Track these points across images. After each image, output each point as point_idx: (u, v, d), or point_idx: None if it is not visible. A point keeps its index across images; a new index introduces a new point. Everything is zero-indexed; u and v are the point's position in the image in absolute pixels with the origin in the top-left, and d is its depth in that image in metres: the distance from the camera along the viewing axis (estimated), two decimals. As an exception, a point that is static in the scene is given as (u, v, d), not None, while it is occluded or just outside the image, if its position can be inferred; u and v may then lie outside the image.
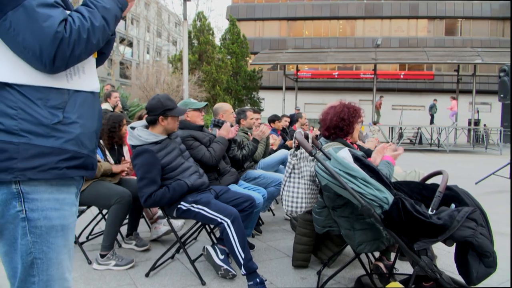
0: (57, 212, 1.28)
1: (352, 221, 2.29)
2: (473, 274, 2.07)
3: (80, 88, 1.33)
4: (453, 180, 2.16)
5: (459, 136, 21.69)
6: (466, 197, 2.15)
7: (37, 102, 1.20)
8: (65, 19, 1.19)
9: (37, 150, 1.20)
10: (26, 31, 1.14)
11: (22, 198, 1.21)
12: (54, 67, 1.20)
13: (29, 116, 1.19)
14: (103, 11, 1.28)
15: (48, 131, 1.21)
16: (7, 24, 1.14)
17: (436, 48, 26.44)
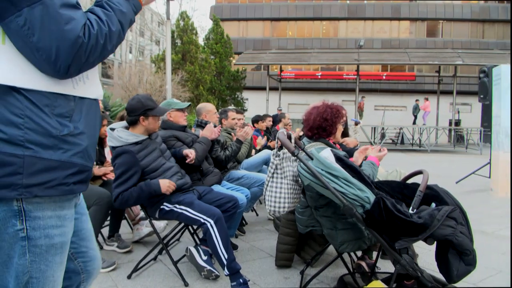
0: (58, 230, 1.18)
1: (335, 221, 2.30)
2: (453, 272, 2.10)
3: (85, 95, 1.23)
4: (434, 180, 2.19)
5: (440, 136, 22.04)
6: (446, 196, 2.18)
7: (44, 110, 1.09)
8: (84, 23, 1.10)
9: (44, 164, 1.08)
10: (43, 32, 1.02)
11: (24, 216, 1.09)
12: (67, 73, 1.10)
13: (36, 126, 1.07)
14: (120, 15, 1.19)
15: (56, 143, 1.10)
16: (20, 21, 1.01)
17: (418, 50, 26.81)
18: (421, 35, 34.08)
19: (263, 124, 6.45)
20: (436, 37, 33.95)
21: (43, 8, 1.01)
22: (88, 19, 1.11)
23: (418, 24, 34.19)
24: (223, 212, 3.02)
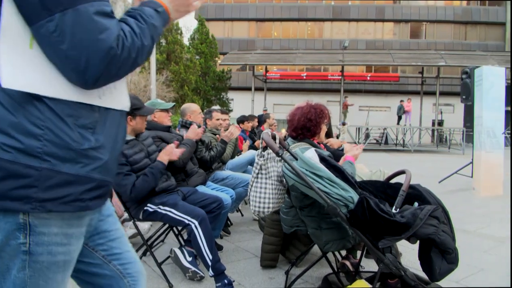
0: (63, 248, 1.10)
1: (319, 221, 2.31)
2: (436, 271, 2.13)
3: (111, 105, 1.14)
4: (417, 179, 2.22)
5: (423, 137, 22.33)
6: (428, 195, 2.21)
7: (67, 120, 1.01)
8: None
9: (61, 178, 1.01)
10: (74, 40, 0.95)
11: (28, 231, 1.02)
12: (95, 85, 1.04)
13: (56, 138, 1.00)
14: (152, 29, 1.11)
15: (75, 157, 1.03)
16: (51, 27, 0.94)
17: (402, 51, 27.12)
18: (405, 36, 34.49)
19: (248, 125, 6.45)
20: (420, 38, 34.40)
21: (77, 14, 0.95)
22: (122, 30, 1.04)
23: (401, 26, 34.60)
24: (207, 212, 3.01)
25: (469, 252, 3.74)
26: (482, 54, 24.84)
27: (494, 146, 7.05)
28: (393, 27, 34.91)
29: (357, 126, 21.51)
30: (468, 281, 3.04)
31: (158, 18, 1.15)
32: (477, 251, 3.78)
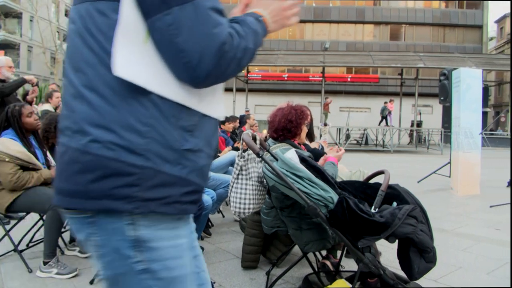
0: (178, 261, 1.05)
1: (300, 221, 2.32)
2: (414, 269, 2.16)
3: (208, 112, 1.11)
4: (396, 179, 2.25)
5: (402, 137, 22.65)
6: (407, 195, 2.24)
7: (171, 120, 0.99)
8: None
9: (162, 178, 0.97)
10: (190, 33, 0.94)
11: (139, 245, 0.97)
12: (204, 82, 1.01)
13: (160, 136, 0.97)
14: (255, 35, 1.10)
15: (177, 157, 1.00)
16: (169, 20, 0.93)
17: (381, 53, 27.46)
18: (385, 38, 34.98)
19: (229, 126, 6.44)
20: (399, 40, 34.93)
21: (194, 8, 0.94)
22: (232, 28, 1.03)
23: (381, 28, 35.07)
24: (188, 214, 2.98)
25: (447, 251, 3.80)
26: (460, 56, 25.34)
27: (471, 146, 7.19)
28: (373, 29, 35.37)
29: (338, 127, 21.70)
30: (446, 279, 3.09)
31: (258, 25, 1.14)
32: (455, 250, 3.85)
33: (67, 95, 1.00)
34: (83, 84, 0.95)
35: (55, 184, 1.00)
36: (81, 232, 1.00)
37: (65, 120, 0.99)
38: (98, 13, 0.96)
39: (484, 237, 4.32)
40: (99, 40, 0.96)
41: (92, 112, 0.94)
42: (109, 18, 0.95)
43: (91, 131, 0.93)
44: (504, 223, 4.92)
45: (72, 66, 0.99)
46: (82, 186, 0.93)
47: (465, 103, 7.22)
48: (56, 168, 1.02)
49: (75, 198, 0.95)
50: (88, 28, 0.97)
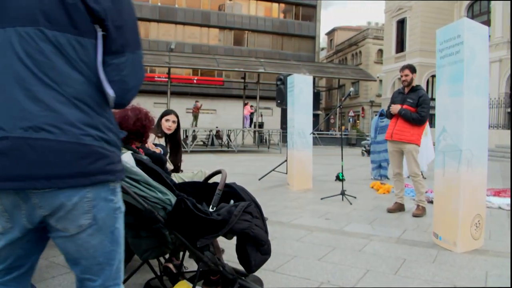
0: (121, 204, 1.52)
1: (138, 229, 2.23)
2: (251, 262, 2.27)
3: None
4: (240, 177, 2.34)
5: (246, 138, 23.80)
6: (243, 193, 2.34)
7: (113, 120, 1.45)
8: None
9: (117, 158, 1.44)
10: (132, 70, 1.43)
11: (116, 195, 1.45)
12: (127, 103, 1.53)
13: (116, 132, 1.44)
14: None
15: (119, 144, 1.46)
16: (122, 60, 1.39)
17: (226, 56, 28.48)
18: (229, 43, 36.36)
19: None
20: (242, 46, 36.67)
21: (138, 56, 1.46)
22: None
23: (226, 33, 36.37)
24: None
25: (284, 241, 4.10)
26: (296, 64, 27.79)
27: (304, 145, 7.90)
28: (218, 33, 36.45)
29: (184, 128, 21.76)
30: (283, 268, 3.31)
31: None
32: (291, 240, 4.15)
33: (53, 100, 1.26)
34: (73, 95, 1.29)
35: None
36: (70, 199, 1.31)
37: (46, 118, 1.24)
38: (79, 45, 1.30)
39: (316, 227, 4.77)
40: (87, 66, 1.32)
41: (83, 116, 1.30)
42: (89, 52, 1.32)
43: (84, 128, 1.29)
44: (332, 213, 5.52)
45: (49, 79, 1.26)
46: (83, 168, 1.29)
47: (298, 106, 7.89)
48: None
49: (77, 178, 1.29)
50: (70, 54, 1.29)
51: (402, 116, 5.31)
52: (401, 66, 5.72)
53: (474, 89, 3.77)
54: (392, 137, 5.46)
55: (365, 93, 43.14)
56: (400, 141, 5.39)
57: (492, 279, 3.12)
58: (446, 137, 3.96)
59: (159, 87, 30.88)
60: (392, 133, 5.46)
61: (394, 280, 3.10)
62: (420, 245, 4.03)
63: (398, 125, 5.40)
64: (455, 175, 3.83)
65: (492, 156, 15.36)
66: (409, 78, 5.38)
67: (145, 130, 2.76)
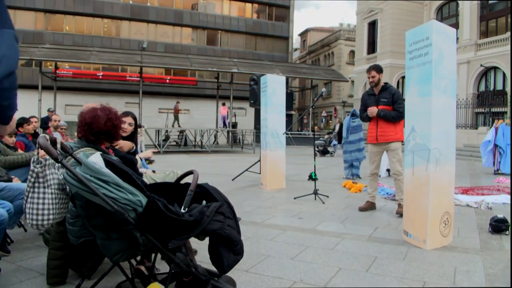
0: None
1: (108, 230, 2.18)
2: (224, 263, 2.26)
3: None
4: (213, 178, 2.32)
5: (219, 138, 23.74)
6: (215, 193, 2.32)
7: None
8: None
9: None
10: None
11: None
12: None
13: None
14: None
15: None
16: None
17: (199, 56, 28.29)
18: (202, 42, 36.15)
19: (29, 127, 5.68)
20: (216, 45, 36.52)
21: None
22: None
23: (199, 32, 36.13)
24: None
25: (257, 241, 4.10)
26: (269, 64, 27.86)
27: (277, 145, 7.92)
28: (191, 32, 36.19)
29: (157, 129, 21.53)
30: (256, 268, 3.31)
31: None
32: (264, 240, 4.16)
33: None
34: None
35: None
36: None
37: None
38: None
39: (289, 226, 4.79)
40: None
41: None
42: None
43: None
44: (305, 212, 5.56)
45: None
46: None
47: (271, 106, 7.91)
48: None
49: None
50: None
51: (382, 117, 5.31)
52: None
53: (442, 90, 3.86)
54: (377, 140, 5.44)
55: (338, 94, 43.69)
56: (385, 142, 5.39)
57: (460, 275, 3.20)
58: (415, 136, 4.04)
59: (131, 87, 30.43)
60: (376, 136, 5.44)
61: (366, 277, 3.14)
62: (391, 243, 4.10)
63: (380, 127, 5.39)
64: (424, 174, 3.91)
65: (460, 155, 15.84)
66: (376, 79, 5.44)
67: (116, 130, 2.71)
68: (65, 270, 2.96)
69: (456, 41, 4.18)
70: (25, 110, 14.52)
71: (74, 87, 29.44)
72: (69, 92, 28.70)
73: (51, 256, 2.90)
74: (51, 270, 2.91)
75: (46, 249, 3.44)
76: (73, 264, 3.02)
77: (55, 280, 2.93)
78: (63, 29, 32.22)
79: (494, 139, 10.92)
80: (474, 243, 4.11)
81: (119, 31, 33.78)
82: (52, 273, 2.92)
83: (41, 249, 3.85)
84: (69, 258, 2.93)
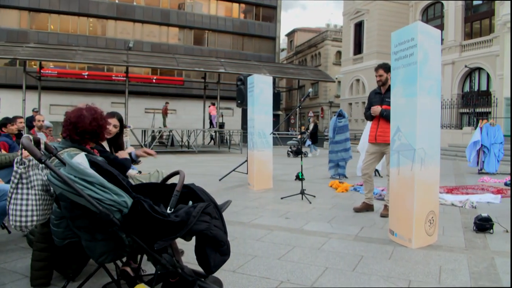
0: None
1: (93, 231, 2.16)
2: (211, 263, 2.25)
3: None
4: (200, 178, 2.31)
5: (206, 138, 23.68)
6: (201, 193, 2.31)
7: None
8: None
9: None
10: None
11: None
12: None
13: None
14: None
15: None
16: None
17: (186, 56, 28.16)
18: (189, 42, 36.01)
19: (12, 128, 5.58)
20: (203, 45, 36.42)
21: None
22: None
23: (186, 32, 35.98)
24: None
25: (244, 242, 4.10)
26: (256, 64, 27.86)
27: (264, 145, 7.93)
28: (178, 32, 36.03)
29: (143, 129, 21.39)
30: (243, 268, 3.31)
31: None
32: (251, 240, 4.16)
33: None
34: None
35: None
36: None
37: None
38: None
39: (276, 226, 4.80)
40: None
41: None
42: None
43: None
44: (292, 212, 5.57)
45: None
46: None
47: (258, 106, 7.92)
48: None
49: None
50: None
51: (384, 117, 5.18)
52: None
53: (427, 90, 3.91)
54: (376, 139, 5.34)
55: (324, 94, 43.92)
56: (383, 143, 5.23)
57: (445, 274, 3.23)
58: (401, 136, 4.08)
59: (117, 87, 30.16)
60: (376, 135, 5.34)
61: (352, 276, 3.16)
62: (377, 242, 4.13)
63: (381, 127, 5.28)
64: (409, 174, 3.95)
65: (445, 155, 16.05)
66: (384, 78, 5.28)
67: (102, 130, 2.68)
68: (49, 271, 2.92)
69: (441, 42, 4.23)
70: (9, 110, 14.31)
71: (59, 87, 29.07)
72: (54, 92, 28.32)
73: (35, 257, 2.86)
74: (35, 271, 2.87)
75: (30, 250, 3.39)
76: (58, 266, 2.98)
77: (39, 282, 2.89)
78: (48, 28, 31.80)
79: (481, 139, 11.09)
80: (459, 241, 4.16)
81: (105, 30, 33.47)
82: (36, 275, 2.88)
83: (25, 251, 3.80)
84: (53, 259, 2.90)
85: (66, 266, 2.97)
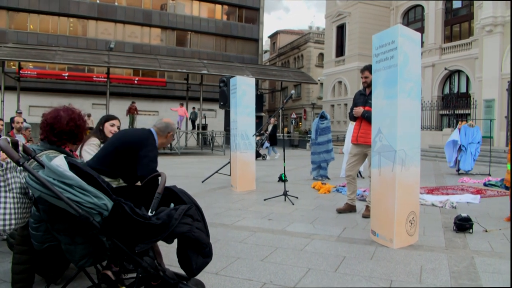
0: None
1: (73, 235, 2.12)
2: (193, 266, 2.24)
3: None
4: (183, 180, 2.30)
5: (189, 139, 23.56)
6: (183, 195, 2.30)
7: None
8: None
9: None
10: None
11: None
12: None
13: None
14: None
15: None
16: None
17: (168, 57, 28.01)
18: (171, 43, 35.78)
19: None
20: (185, 46, 36.22)
21: None
22: None
23: (168, 33, 35.74)
24: None
25: (227, 244, 4.09)
26: (239, 66, 27.88)
27: (247, 147, 7.93)
28: (160, 33, 35.75)
29: (126, 130, 21.14)
30: (226, 270, 3.30)
31: None
32: (234, 242, 4.15)
33: None
34: None
35: None
36: None
37: None
38: None
39: (259, 228, 4.80)
40: None
41: None
42: None
43: None
44: (275, 213, 5.58)
45: None
46: None
47: (241, 108, 7.91)
48: None
49: None
50: None
51: (365, 118, 5.21)
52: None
53: (407, 92, 3.96)
54: (357, 140, 5.38)
55: (307, 96, 44.11)
56: (365, 144, 5.25)
57: (426, 273, 3.28)
58: (382, 138, 4.13)
59: (98, 88, 29.78)
60: (357, 136, 5.37)
61: (335, 277, 3.18)
62: (359, 243, 4.17)
63: (362, 128, 5.31)
64: (390, 174, 4.00)
65: (425, 156, 16.30)
66: (369, 80, 5.23)
67: (79, 130, 2.65)
68: (30, 275, 2.86)
69: (421, 45, 4.29)
70: (-14, 112, 13.99)
71: (39, 87, 28.57)
72: (33, 93, 27.81)
73: (16, 260, 2.80)
74: (16, 275, 2.81)
75: (10, 254, 3.32)
76: (39, 269, 2.93)
77: (20, 285, 2.83)
78: (27, 28, 31.21)
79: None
80: (439, 241, 4.23)
81: (85, 31, 33.02)
82: (17, 278, 2.82)
83: (5, 255, 3.72)
84: (34, 262, 2.84)
85: (48, 269, 2.92)
